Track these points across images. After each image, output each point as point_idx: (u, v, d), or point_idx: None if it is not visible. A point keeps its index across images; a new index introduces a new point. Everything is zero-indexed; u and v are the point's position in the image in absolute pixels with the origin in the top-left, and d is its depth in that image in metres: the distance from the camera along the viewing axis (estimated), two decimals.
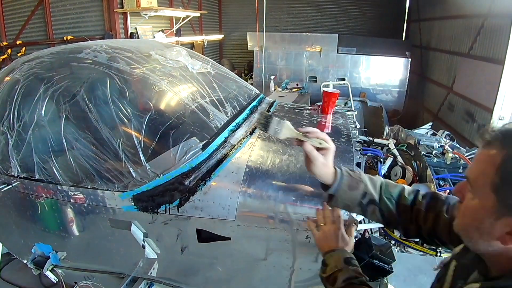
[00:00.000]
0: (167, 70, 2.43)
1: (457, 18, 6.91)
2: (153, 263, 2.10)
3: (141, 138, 1.97)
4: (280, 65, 8.90)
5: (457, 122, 6.54)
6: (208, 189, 1.82)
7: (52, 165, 2.07)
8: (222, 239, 1.88)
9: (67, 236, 2.26)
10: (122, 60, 2.27)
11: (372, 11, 11.22)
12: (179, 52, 2.70)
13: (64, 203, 2.12)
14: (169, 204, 1.85)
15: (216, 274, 2.02)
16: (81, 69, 2.28)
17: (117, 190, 1.95)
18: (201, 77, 2.55)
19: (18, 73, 2.30)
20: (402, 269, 3.46)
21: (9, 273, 3.41)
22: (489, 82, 5.27)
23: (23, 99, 2.20)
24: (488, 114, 5.23)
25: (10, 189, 2.19)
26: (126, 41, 4.43)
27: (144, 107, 2.16)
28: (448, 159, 2.05)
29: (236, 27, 12.28)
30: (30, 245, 2.46)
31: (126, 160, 1.93)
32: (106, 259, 2.26)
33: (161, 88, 2.22)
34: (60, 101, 2.11)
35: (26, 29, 7.24)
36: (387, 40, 9.05)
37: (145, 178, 1.91)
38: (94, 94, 2.10)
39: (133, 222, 1.99)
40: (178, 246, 1.98)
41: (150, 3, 6.57)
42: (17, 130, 2.16)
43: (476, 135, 5.68)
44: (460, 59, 6.70)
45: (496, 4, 5.38)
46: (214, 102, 2.37)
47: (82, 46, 2.43)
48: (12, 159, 2.16)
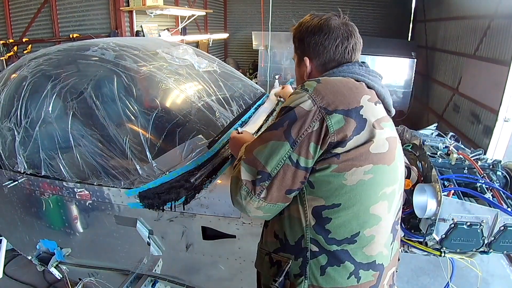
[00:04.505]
0: (174, 68, 2.44)
1: (463, 19, 6.87)
2: (157, 260, 2.11)
3: (148, 135, 1.98)
4: (285, 65, 8.87)
5: (462, 123, 6.51)
6: (213, 186, 1.83)
7: (58, 162, 2.08)
8: (227, 237, 1.89)
9: (72, 233, 2.27)
10: (129, 58, 2.29)
11: (377, 12, 11.18)
12: (185, 50, 2.71)
13: (70, 200, 2.14)
14: (174, 202, 1.85)
15: (220, 272, 2.03)
16: (88, 67, 2.29)
17: (123, 187, 1.96)
18: (207, 76, 2.56)
19: (26, 70, 2.32)
20: (405, 270, 3.45)
21: (13, 269, 3.43)
22: (494, 83, 5.23)
23: (30, 95, 2.21)
24: (494, 115, 5.20)
25: (16, 185, 2.21)
26: (133, 39, 4.45)
27: (150, 104, 2.17)
28: (453, 160, 2.03)
29: (241, 26, 12.27)
30: (35, 241, 2.47)
31: (132, 157, 1.94)
32: (111, 256, 2.27)
33: (167, 86, 2.23)
34: (67, 98, 2.13)
35: (33, 27, 7.26)
36: (392, 41, 9.02)
37: (151, 175, 1.91)
38: (101, 91, 2.12)
39: (138, 219, 2.00)
40: (183, 244, 1.99)
41: (156, 2, 6.57)
42: (24, 126, 2.17)
43: (481, 136, 5.66)
44: (466, 60, 6.66)
45: (503, 5, 5.35)
46: (220, 100, 2.38)
47: (89, 44, 2.44)
48: (19, 156, 2.18)
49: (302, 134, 1.13)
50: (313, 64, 1.37)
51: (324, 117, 1.12)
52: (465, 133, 6.23)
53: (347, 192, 1.15)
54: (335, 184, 1.15)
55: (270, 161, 1.15)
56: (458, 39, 7.08)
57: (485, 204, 1.70)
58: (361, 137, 1.14)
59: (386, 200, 1.23)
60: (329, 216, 1.18)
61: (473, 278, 2.57)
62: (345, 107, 1.14)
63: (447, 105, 7.32)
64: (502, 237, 1.67)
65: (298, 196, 1.22)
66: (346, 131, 1.12)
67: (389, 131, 1.24)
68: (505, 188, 1.92)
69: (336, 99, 1.15)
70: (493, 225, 1.66)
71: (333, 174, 1.14)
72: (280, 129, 1.16)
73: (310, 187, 1.19)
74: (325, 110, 1.13)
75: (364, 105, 1.18)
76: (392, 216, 1.29)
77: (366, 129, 1.15)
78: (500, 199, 1.76)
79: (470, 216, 1.66)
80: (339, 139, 1.12)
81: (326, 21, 1.32)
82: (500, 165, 2.01)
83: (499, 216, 1.64)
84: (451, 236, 1.69)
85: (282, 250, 1.29)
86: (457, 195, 1.78)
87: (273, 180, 1.16)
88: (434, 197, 1.66)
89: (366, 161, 1.15)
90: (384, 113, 1.28)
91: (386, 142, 1.19)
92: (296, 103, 1.17)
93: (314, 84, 1.19)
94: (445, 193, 1.69)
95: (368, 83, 1.28)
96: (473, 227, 1.66)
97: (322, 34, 1.31)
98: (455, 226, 1.67)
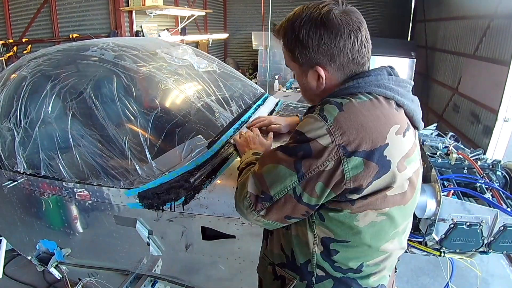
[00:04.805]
0: (173, 68, 2.44)
1: (463, 19, 6.88)
2: (157, 260, 2.11)
3: (147, 135, 1.98)
4: (285, 65, 8.85)
5: (462, 123, 6.52)
6: (213, 187, 1.82)
7: (58, 162, 2.08)
8: (226, 237, 1.89)
9: (71, 233, 2.27)
10: (128, 58, 2.28)
11: (377, 12, 11.18)
12: (185, 50, 2.70)
13: (69, 200, 2.14)
14: (174, 202, 1.85)
15: (219, 272, 2.03)
16: (87, 67, 2.29)
17: (122, 187, 1.95)
18: (206, 76, 2.56)
19: (25, 70, 2.31)
20: (405, 270, 3.45)
21: (13, 270, 3.43)
22: (494, 83, 5.24)
23: (30, 96, 2.21)
24: (493, 115, 5.20)
25: (16, 185, 2.21)
26: (132, 39, 4.45)
27: (150, 105, 2.17)
28: (453, 160, 2.04)
29: (241, 26, 12.27)
30: (35, 241, 2.47)
31: (132, 157, 1.94)
32: (111, 256, 2.27)
33: (167, 86, 2.23)
34: (67, 98, 2.12)
35: (32, 27, 7.26)
36: (392, 40, 9.01)
37: (151, 175, 1.91)
38: (101, 92, 2.11)
39: (138, 219, 1.99)
40: (182, 244, 1.99)
41: (156, 2, 6.58)
42: (23, 126, 2.17)
43: (480, 136, 5.66)
44: (465, 60, 6.66)
45: (503, 5, 5.35)
46: (220, 100, 2.38)
47: (88, 44, 2.44)
48: (18, 156, 2.17)
49: (313, 170, 1.02)
50: (327, 72, 1.14)
51: (341, 159, 1.00)
52: (465, 133, 6.23)
53: (357, 233, 1.10)
54: (346, 224, 1.09)
55: (275, 186, 1.08)
56: (458, 39, 7.09)
57: (485, 204, 1.71)
58: (381, 182, 1.03)
59: (397, 237, 1.18)
60: (337, 249, 1.14)
61: (472, 278, 2.57)
62: (367, 147, 1.00)
63: (447, 105, 7.33)
64: (501, 237, 1.68)
65: (308, 222, 1.15)
66: (364, 178, 1.01)
67: (413, 167, 1.11)
68: (504, 188, 1.92)
69: (359, 135, 0.99)
70: (492, 225, 1.67)
71: (346, 215, 1.07)
72: (293, 157, 1.05)
73: (320, 219, 1.12)
74: (343, 150, 0.99)
75: (390, 142, 1.02)
76: (403, 244, 1.25)
77: (388, 173, 1.03)
78: (499, 199, 1.76)
79: (470, 216, 1.66)
80: (356, 185, 1.01)
81: (329, 15, 1.07)
82: (500, 165, 2.02)
83: (498, 216, 1.65)
84: (451, 236, 1.69)
85: (288, 267, 1.25)
86: (457, 195, 1.79)
87: (273, 204, 1.10)
88: (433, 197, 1.66)
89: (381, 205, 1.06)
90: (411, 141, 1.12)
91: (406, 181, 1.09)
92: (312, 135, 1.02)
93: (335, 113, 1.01)
94: (445, 193, 1.69)
95: (397, 101, 1.12)
96: (473, 227, 1.66)
97: (333, 33, 1.07)
98: (455, 226, 1.67)
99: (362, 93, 1.09)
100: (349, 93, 1.09)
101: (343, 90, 1.11)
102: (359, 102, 1.05)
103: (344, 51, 1.09)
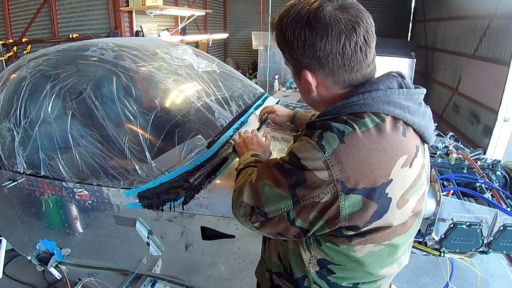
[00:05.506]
0: (173, 68, 2.44)
1: (463, 19, 6.88)
2: (157, 260, 2.11)
3: (147, 135, 1.98)
4: (285, 65, 8.83)
5: (462, 123, 6.52)
6: (213, 187, 1.82)
7: (57, 162, 2.08)
8: (226, 237, 1.89)
9: (71, 233, 2.27)
10: (128, 58, 2.28)
11: (377, 11, 11.16)
12: (184, 50, 2.70)
13: (69, 200, 2.13)
14: (174, 202, 1.85)
15: (219, 272, 2.02)
16: (87, 67, 2.29)
17: (122, 187, 1.95)
18: (206, 76, 2.56)
19: (25, 70, 2.31)
20: (405, 270, 3.41)
21: (13, 270, 3.43)
22: (494, 83, 5.24)
23: (29, 96, 2.20)
24: (493, 115, 5.20)
25: (16, 185, 2.21)
26: (132, 39, 4.45)
27: (149, 105, 2.17)
28: (452, 160, 2.04)
29: (241, 26, 12.29)
30: (35, 241, 2.47)
31: (131, 157, 1.94)
32: (110, 256, 2.27)
33: (167, 86, 2.23)
34: (67, 98, 2.12)
35: (32, 27, 7.27)
36: (392, 41, 9.00)
37: (151, 175, 1.91)
38: (100, 92, 2.11)
39: (137, 219, 1.99)
40: (182, 244, 1.99)
41: (156, 2, 6.58)
42: (23, 127, 2.17)
43: (480, 136, 5.67)
44: (465, 60, 6.67)
45: (503, 5, 5.35)
46: (220, 100, 2.38)
47: (88, 44, 2.44)
48: (18, 156, 2.17)
49: (307, 199, 0.94)
50: (317, 77, 1.01)
51: (339, 195, 0.91)
52: (465, 133, 6.24)
53: (354, 261, 1.05)
54: (343, 253, 1.05)
55: (270, 205, 1.02)
56: (458, 39, 7.09)
57: (485, 204, 1.70)
58: (381, 222, 0.96)
59: (396, 262, 1.14)
60: (334, 270, 1.10)
61: (472, 278, 2.58)
62: (368, 184, 0.91)
63: (447, 105, 7.33)
64: (501, 237, 1.68)
65: (305, 242, 1.11)
66: (361, 218, 0.93)
67: (415, 198, 1.02)
68: (504, 188, 1.92)
69: (360, 172, 0.90)
70: (492, 225, 1.66)
71: (343, 247, 1.03)
72: (288, 180, 0.97)
73: (317, 243, 1.07)
74: (342, 186, 0.91)
75: (394, 177, 0.93)
76: (402, 265, 1.19)
77: (388, 212, 0.95)
78: (499, 199, 1.76)
79: (470, 216, 1.66)
80: (352, 224, 0.94)
81: (318, 12, 0.92)
82: (500, 165, 2.02)
83: (498, 216, 1.64)
84: (451, 236, 1.69)
85: (285, 278, 1.23)
86: (457, 195, 1.78)
87: (267, 220, 1.05)
88: (433, 197, 1.66)
89: (381, 240, 1.01)
90: (419, 167, 1.02)
91: (408, 214, 1.02)
92: (308, 164, 0.93)
93: (334, 144, 0.91)
94: (445, 193, 1.69)
95: (407, 121, 0.99)
96: (473, 227, 1.66)
97: (318, 35, 0.93)
98: (455, 226, 1.67)
99: (368, 113, 0.96)
100: (353, 111, 0.98)
101: (347, 106, 0.99)
102: (363, 131, 0.92)
103: (332, 55, 0.94)
